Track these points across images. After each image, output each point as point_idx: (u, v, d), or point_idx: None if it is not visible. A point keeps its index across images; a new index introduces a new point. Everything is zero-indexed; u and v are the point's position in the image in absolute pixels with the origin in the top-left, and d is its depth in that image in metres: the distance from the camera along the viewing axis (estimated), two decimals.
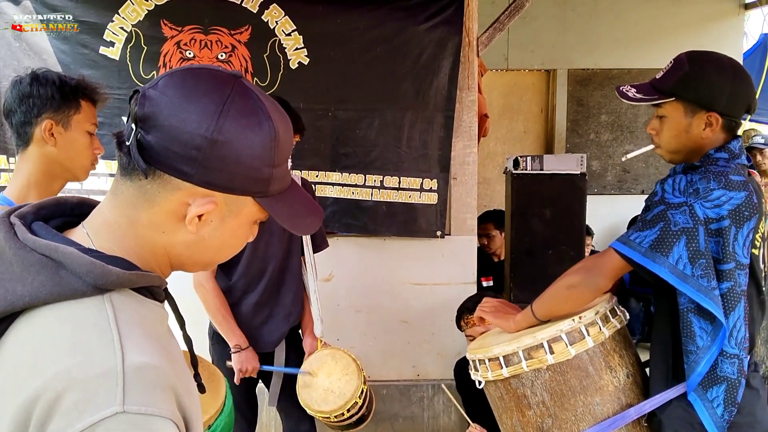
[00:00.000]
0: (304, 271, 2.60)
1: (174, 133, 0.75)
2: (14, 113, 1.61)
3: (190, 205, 0.78)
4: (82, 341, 0.69)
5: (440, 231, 3.42)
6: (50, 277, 0.71)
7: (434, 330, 3.55)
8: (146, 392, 0.67)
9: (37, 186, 1.64)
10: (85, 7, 3.13)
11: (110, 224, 0.79)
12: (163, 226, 0.80)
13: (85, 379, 0.66)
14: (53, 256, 0.72)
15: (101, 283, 0.72)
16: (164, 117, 0.75)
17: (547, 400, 1.68)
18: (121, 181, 0.79)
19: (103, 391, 0.65)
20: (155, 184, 0.77)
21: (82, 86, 1.67)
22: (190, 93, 0.76)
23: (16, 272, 0.71)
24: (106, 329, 0.70)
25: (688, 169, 1.70)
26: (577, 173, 3.56)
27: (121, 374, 0.66)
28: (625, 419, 1.64)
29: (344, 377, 2.44)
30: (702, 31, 5.10)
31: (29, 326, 0.71)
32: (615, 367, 1.71)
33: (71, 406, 0.64)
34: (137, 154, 0.75)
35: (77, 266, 0.71)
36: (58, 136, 1.63)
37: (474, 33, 3.35)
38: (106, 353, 0.68)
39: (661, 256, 1.54)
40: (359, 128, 3.33)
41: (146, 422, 0.66)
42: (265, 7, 3.20)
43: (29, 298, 0.70)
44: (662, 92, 1.69)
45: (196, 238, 0.81)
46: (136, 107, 0.76)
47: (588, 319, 1.71)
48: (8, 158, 3.18)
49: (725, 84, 1.64)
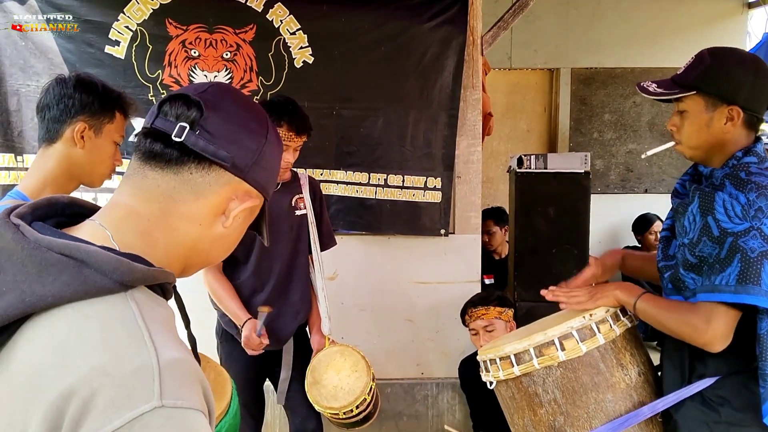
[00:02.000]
0: (312, 269, 2.61)
1: (237, 134, 0.84)
2: (50, 109, 1.64)
3: (233, 200, 0.85)
4: (113, 338, 0.69)
5: (444, 229, 3.42)
6: (74, 276, 0.71)
7: (438, 328, 3.56)
8: (181, 386, 0.69)
9: (53, 184, 1.65)
10: (90, 6, 3.14)
11: (138, 215, 0.81)
12: (201, 218, 0.84)
13: (121, 375, 0.66)
14: (75, 255, 0.72)
15: (127, 279, 0.73)
16: (227, 120, 0.84)
17: (559, 397, 1.68)
18: (155, 173, 0.82)
19: (140, 387, 0.66)
20: (208, 177, 0.83)
21: (122, 98, 1.72)
22: (243, 103, 0.89)
23: (31, 273, 0.71)
24: (134, 326, 0.71)
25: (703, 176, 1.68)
26: (581, 172, 3.56)
27: (156, 369, 0.67)
28: (638, 417, 1.64)
29: (353, 374, 2.46)
30: (705, 30, 5.10)
31: (48, 325, 0.70)
32: (626, 364, 1.71)
33: (108, 403, 0.65)
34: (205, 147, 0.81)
35: (103, 264, 0.72)
36: (87, 140, 1.65)
37: (478, 32, 3.36)
38: (139, 349, 0.69)
39: (753, 286, 1.48)
40: (363, 127, 3.34)
41: (183, 415, 0.67)
42: (269, 6, 3.21)
43: (52, 298, 0.70)
44: (683, 86, 1.67)
45: (225, 233, 0.87)
46: (183, 108, 0.82)
47: (599, 317, 1.72)
48: (15, 157, 3.19)
49: (747, 77, 1.62)
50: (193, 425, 0.68)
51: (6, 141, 3.18)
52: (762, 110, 1.65)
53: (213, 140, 0.81)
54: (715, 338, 1.54)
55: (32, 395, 0.67)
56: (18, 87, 3.16)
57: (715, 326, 1.53)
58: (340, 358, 2.51)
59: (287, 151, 2.37)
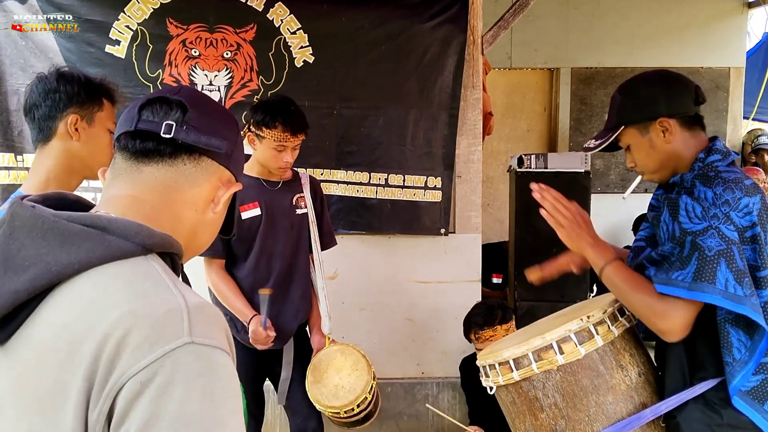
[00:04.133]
0: (312, 268, 2.60)
1: (218, 128, 0.94)
2: (38, 107, 1.63)
3: (221, 187, 0.95)
4: (140, 289, 0.76)
5: (444, 229, 3.43)
6: (98, 242, 0.77)
7: (439, 328, 3.56)
8: (208, 326, 0.75)
9: (56, 181, 1.65)
10: (91, 5, 3.14)
11: (144, 203, 0.88)
12: (197, 204, 0.93)
13: (152, 316, 0.72)
14: (96, 224, 0.78)
15: (148, 243, 0.80)
16: (208, 115, 0.94)
17: (560, 401, 1.67)
18: (150, 167, 0.89)
19: (170, 326, 0.72)
20: (199, 168, 0.92)
21: (105, 85, 1.71)
22: (213, 101, 1.02)
23: (54, 245, 0.76)
24: (159, 279, 0.78)
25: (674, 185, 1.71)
26: (581, 171, 3.56)
27: (186, 310, 0.74)
28: (641, 420, 1.63)
29: (354, 373, 2.46)
30: (705, 29, 5.10)
31: (75, 288, 0.75)
32: (626, 365, 1.70)
33: (141, 341, 0.70)
34: (197, 139, 0.90)
35: (125, 229, 0.79)
36: (82, 131, 1.65)
37: (479, 31, 3.36)
38: (167, 295, 0.76)
39: (708, 284, 1.51)
40: (364, 126, 3.34)
41: (210, 353, 0.73)
42: (270, 5, 3.21)
43: (78, 265, 0.75)
44: (612, 128, 1.78)
45: (213, 218, 0.96)
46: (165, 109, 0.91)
47: (596, 318, 1.71)
48: (15, 156, 3.19)
49: (656, 90, 1.72)
50: (220, 363, 0.74)
51: (6, 140, 3.18)
52: (689, 108, 1.71)
53: (199, 133, 0.90)
54: (672, 330, 1.57)
55: (66, 350, 0.72)
56: (18, 86, 3.16)
57: (673, 319, 1.56)
58: (341, 357, 2.51)
59: (285, 151, 2.37)
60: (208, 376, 0.72)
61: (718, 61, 5.15)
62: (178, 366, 0.70)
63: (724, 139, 5.22)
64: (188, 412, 0.69)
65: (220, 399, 0.72)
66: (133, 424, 0.68)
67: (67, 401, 0.70)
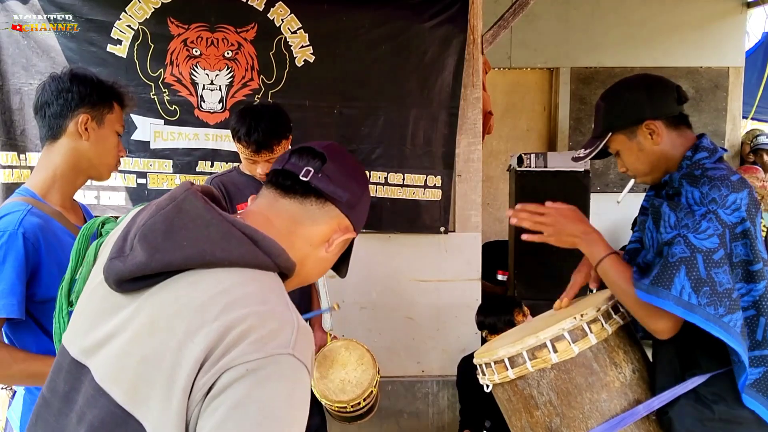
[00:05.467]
0: None
1: (348, 182, 1.08)
2: (50, 105, 1.65)
3: (337, 231, 1.08)
4: (269, 297, 0.92)
5: (444, 227, 3.44)
6: (250, 251, 0.94)
7: (439, 326, 3.57)
8: (305, 347, 0.90)
9: (62, 179, 1.67)
10: (92, 5, 3.15)
11: (272, 225, 1.03)
12: (312, 240, 1.07)
13: (273, 322, 0.88)
14: (253, 236, 0.95)
15: (284, 265, 0.98)
16: (343, 169, 1.07)
17: (554, 399, 1.68)
18: (285, 200, 1.05)
19: (282, 336, 0.87)
20: (322, 210, 1.06)
21: (116, 89, 1.74)
22: (354, 159, 1.16)
23: (214, 238, 0.92)
24: (282, 294, 0.95)
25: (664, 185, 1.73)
26: (581, 171, 3.58)
27: (296, 328, 0.89)
28: (633, 416, 1.64)
29: (360, 367, 2.48)
30: (704, 29, 5.11)
31: (215, 276, 0.91)
32: (620, 363, 1.72)
33: (258, 339, 0.85)
34: (327, 188, 1.04)
35: (274, 251, 0.96)
36: (91, 131, 1.67)
37: (479, 31, 3.37)
38: (285, 311, 0.91)
39: (663, 290, 1.54)
40: (364, 125, 3.35)
41: (300, 368, 0.87)
42: (270, 5, 3.22)
43: (229, 262, 0.92)
44: (600, 136, 1.81)
45: (325, 257, 1.09)
46: (309, 157, 1.06)
47: (590, 317, 1.72)
48: (19, 155, 3.21)
49: (639, 94, 1.75)
50: (304, 380, 0.88)
51: (9, 139, 3.20)
52: (672, 108, 1.74)
53: (329, 182, 1.05)
54: (662, 330, 1.60)
55: (197, 321, 0.86)
56: (20, 86, 3.18)
57: (660, 320, 1.59)
58: (345, 352, 2.53)
59: (257, 164, 2.36)
60: (294, 384, 0.87)
61: (717, 60, 5.16)
62: (278, 368, 0.85)
63: (723, 138, 5.23)
64: (272, 405, 0.84)
65: (296, 405, 0.88)
66: (228, 398, 0.83)
67: (184, 361, 0.84)
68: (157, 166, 3.29)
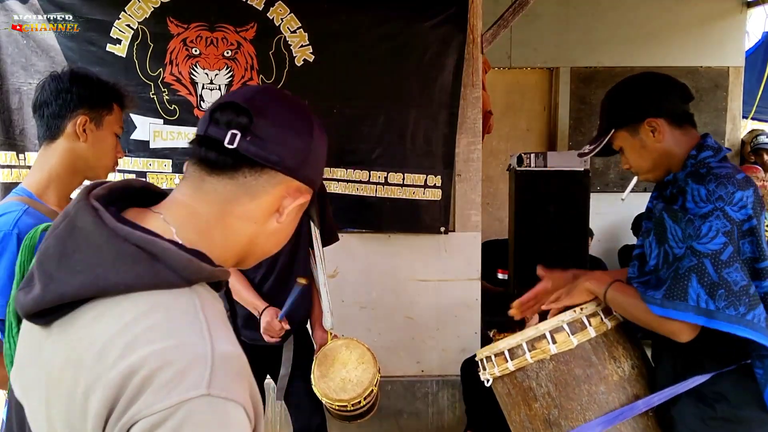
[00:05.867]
0: (313, 264, 2.61)
1: (285, 137, 0.89)
2: (49, 105, 1.64)
3: (286, 197, 0.91)
4: (176, 327, 0.76)
5: (444, 227, 3.44)
6: (147, 268, 0.77)
7: (439, 326, 3.57)
8: (229, 379, 0.74)
9: (58, 179, 1.67)
10: (91, 4, 3.15)
11: (199, 216, 0.88)
12: (256, 217, 0.90)
13: (179, 361, 0.72)
14: (149, 249, 0.78)
15: (194, 278, 0.80)
16: (274, 124, 0.88)
17: (552, 390, 1.70)
18: (212, 178, 0.87)
19: (193, 374, 0.72)
20: (261, 179, 0.88)
21: (116, 89, 1.73)
22: (289, 105, 0.92)
23: (107, 260, 0.77)
24: (195, 318, 0.77)
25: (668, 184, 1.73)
26: (581, 170, 3.58)
27: (210, 360, 0.74)
28: (633, 411, 1.65)
29: (360, 366, 2.48)
30: (704, 29, 5.11)
31: (117, 307, 0.76)
32: (619, 357, 1.73)
33: (163, 384, 0.71)
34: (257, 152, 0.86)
35: (174, 262, 0.79)
36: (90, 133, 1.67)
37: (478, 30, 3.37)
38: (198, 340, 0.75)
39: (680, 302, 1.54)
40: (364, 125, 3.35)
41: (224, 406, 0.73)
42: (270, 4, 3.22)
43: (124, 286, 0.77)
44: (603, 133, 1.82)
45: (278, 228, 0.93)
46: (233, 116, 0.86)
47: (589, 310, 1.74)
48: (17, 155, 3.20)
49: (640, 92, 1.77)
50: (233, 418, 0.74)
51: (8, 139, 3.20)
52: (676, 106, 1.75)
53: (264, 145, 0.86)
54: (684, 337, 1.59)
55: (96, 370, 0.73)
56: (20, 85, 3.18)
57: (678, 332, 1.59)
58: (346, 351, 2.53)
59: None
60: (217, 429, 0.72)
61: (717, 60, 5.16)
62: (191, 416, 0.71)
63: (724, 138, 5.23)
64: None
65: None
66: None
67: (89, 417, 0.73)
68: (156, 166, 3.28)
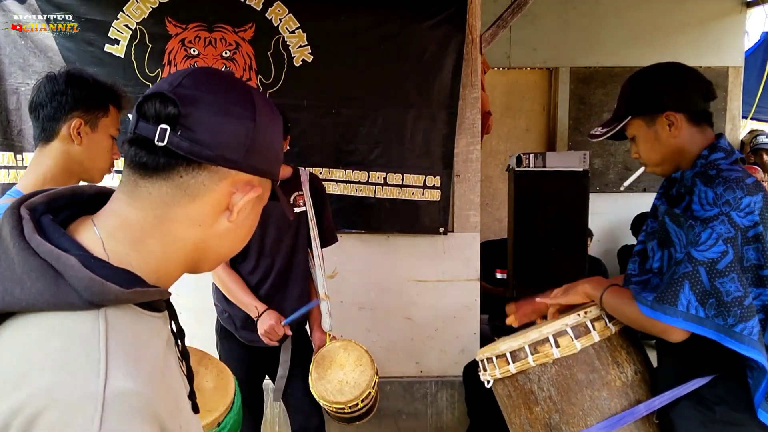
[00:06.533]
0: (312, 265, 2.61)
1: (221, 126, 0.78)
2: (44, 107, 1.63)
3: (234, 193, 0.81)
4: (70, 359, 0.68)
5: (443, 228, 3.43)
6: (48, 286, 0.70)
7: (438, 326, 3.57)
8: (124, 419, 0.66)
9: (53, 181, 1.65)
10: (90, 5, 3.15)
11: (132, 225, 0.78)
12: (201, 218, 0.81)
13: (66, 401, 0.65)
14: (55, 265, 0.70)
15: (97, 300, 0.70)
16: (207, 112, 0.78)
17: (554, 394, 1.68)
18: (145, 182, 0.78)
19: (81, 415, 0.65)
20: (200, 177, 0.79)
21: (113, 91, 1.71)
22: (223, 87, 0.81)
23: (16, 273, 0.70)
24: (94, 348, 0.69)
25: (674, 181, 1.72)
26: (580, 170, 3.57)
27: (101, 399, 0.65)
28: (634, 415, 1.64)
29: (358, 368, 2.47)
30: (703, 29, 5.11)
31: (23, 330, 0.70)
32: (622, 362, 1.71)
33: (48, 426, 0.64)
34: (190, 148, 0.76)
35: (76, 280, 0.70)
36: (84, 135, 1.65)
37: (477, 30, 3.36)
38: (90, 375, 0.67)
39: (670, 307, 1.53)
40: (363, 125, 3.34)
41: None
42: (269, 4, 3.21)
43: (26, 303, 0.69)
44: (619, 118, 1.78)
45: (231, 227, 0.83)
46: (161, 108, 0.77)
47: (593, 314, 1.72)
48: (15, 155, 3.20)
49: (666, 83, 1.72)
50: None
51: (5, 140, 3.19)
52: (697, 104, 1.72)
53: (196, 138, 0.76)
54: (671, 334, 1.58)
55: None
56: (17, 86, 3.17)
57: (668, 333, 1.57)
58: (344, 353, 2.53)
59: None
60: None
61: (716, 60, 5.15)
62: None
63: None
64: None
65: None
66: None
67: None
68: None
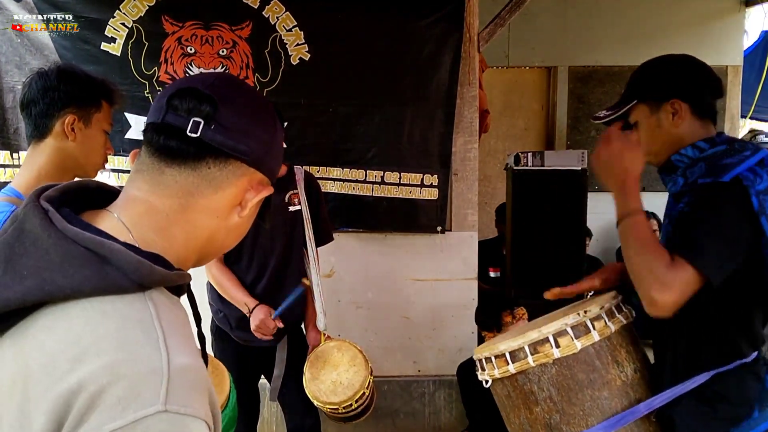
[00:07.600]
0: (307, 264, 2.60)
1: (251, 126, 0.85)
2: (36, 104, 1.62)
3: (249, 190, 0.87)
4: (129, 338, 0.70)
5: (441, 226, 3.42)
6: (95, 272, 0.72)
7: (435, 326, 3.56)
8: (187, 393, 0.70)
9: (47, 179, 1.64)
10: (86, 3, 3.13)
11: (158, 212, 0.82)
12: (219, 210, 0.86)
13: (132, 376, 0.67)
14: (99, 251, 0.73)
15: (147, 281, 0.74)
16: (240, 113, 0.84)
17: (554, 395, 1.67)
18: (172, 170, 0.82)
19: (148, 389, 0.67)
20: (225, 170, 0.84)
21: (105, 86, 1.70)
22: (251, 94, 0.91)
23: (54, 262, 0.72)
24: (150, 328, 0.72)
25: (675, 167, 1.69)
26: (578, 169, 3.57)
27: (166, 374, 0.68)
28: (634, 414, 1.63)
29: (351, 368, 2.47)
30: (702, 28, 5.10)
31: (66, 317, 0.71)
32: (622, 362, 1.70)
33: (115, 401, 0.66)
34: (224, 141, 0.82)
35: (125, 264, 0.73)
36: (78, 131, 1.64)
37: (475, 29, 3.36)
38: (152, 352, 0.70)
39: None
40: (360, 124, 3.33)
41: (183, 422, 0.68)
42: (266, 2, 3.20)
43: (70, 290, 0.71)
44: (625, 102, 1.76)
45: (239, 222, 0.89)
46: (195, 103, 0.81)
47: (593, 314, 1.71)
48: (11, 154, 3.19)
49: (676, 72, 1.71)
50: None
51: (2, 138, 3.18)
52: (704, 97, 1.70)
53: (229, 134, 0.82)
54: (665, 303, 1.49)
55: (44, 384, 0.68)
56: (14, 84, 3.16)
57: (674, 292, 1.48)
58: (338, 353, 2.51)
59: None
60: None
61: (715, 59, 5.14)
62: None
63: None
64: None
65: None
66: None
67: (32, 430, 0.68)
68: None
